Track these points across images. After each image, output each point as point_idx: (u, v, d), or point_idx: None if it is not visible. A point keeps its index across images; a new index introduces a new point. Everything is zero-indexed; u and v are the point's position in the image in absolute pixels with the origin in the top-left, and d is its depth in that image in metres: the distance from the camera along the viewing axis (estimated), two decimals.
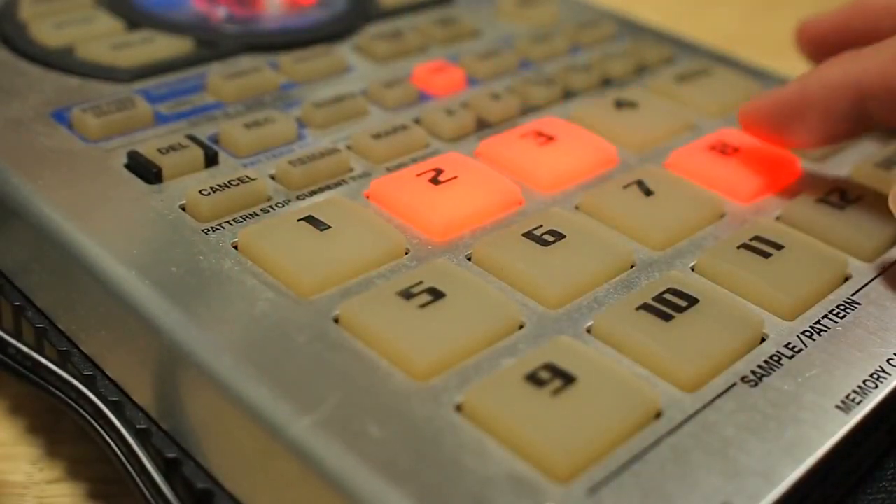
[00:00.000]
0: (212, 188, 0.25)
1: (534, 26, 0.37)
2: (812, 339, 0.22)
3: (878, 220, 0.26)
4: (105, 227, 0.23)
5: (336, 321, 0.21)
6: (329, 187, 0.26)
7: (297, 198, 0.26)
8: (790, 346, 0.22)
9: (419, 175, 0.26)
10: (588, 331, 0.22)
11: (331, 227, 0.24)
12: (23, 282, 0.25)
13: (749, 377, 0.21)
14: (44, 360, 0.23)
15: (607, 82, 0.34)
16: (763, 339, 0.22)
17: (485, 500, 0.17)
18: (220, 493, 0.20)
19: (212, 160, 0.26)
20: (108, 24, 0.33)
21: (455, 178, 0.26)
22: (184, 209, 0.24)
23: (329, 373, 0.20)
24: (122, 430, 0.22)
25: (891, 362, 0.22)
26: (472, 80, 0.33)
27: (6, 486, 0.25)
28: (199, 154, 0.26)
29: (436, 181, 0.26)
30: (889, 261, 0.25)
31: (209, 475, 0.21)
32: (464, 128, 0.29)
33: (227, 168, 0.26)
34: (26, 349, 0.24)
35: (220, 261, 0.23)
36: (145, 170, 0.25)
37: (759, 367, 0.21)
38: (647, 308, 0.22)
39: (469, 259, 0.24)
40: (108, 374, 0.23)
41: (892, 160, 0.29)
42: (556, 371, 0.20)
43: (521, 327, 0.22)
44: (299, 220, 0.24)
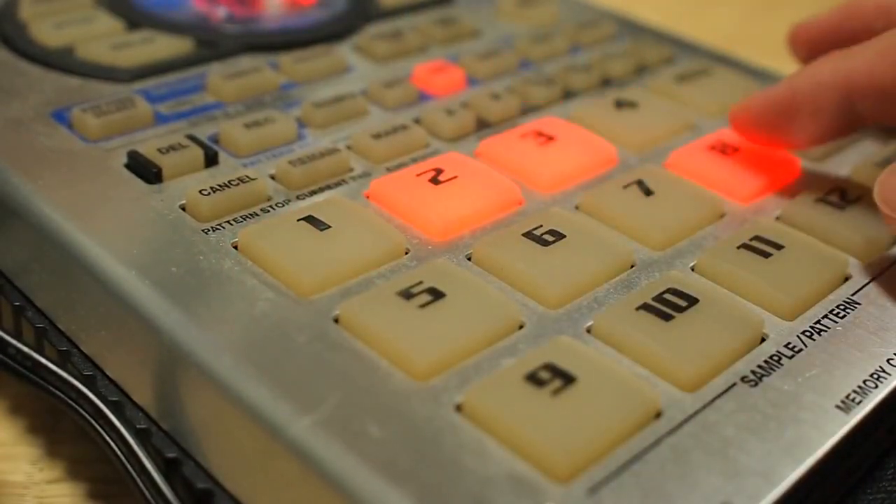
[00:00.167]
0: (212, 188, 0.25)
1: (534, 26, 0.37)
2: (812, 339, 0.22)
3: (878, 220, 0.26)
4: (105, 227, 0.23)
5: (336, 321, 0.21)
6: (329, 187, 0.26)
7: (297, 198, 0.26)
8: (790, 346, 0.22)
9: (419, 175, 0.26)
10: (588, 331, 0.22)
11: (331, 227, 0.24)
12: (23, 282, 0.25)
13: (749, 377, 0.21)
14: (44, 360, 0.23)
15: (607, 82, 0.34)
16: (763, 339, 0.22)
17: (485, 500, 0.17)
18: (220, 493, 0.20)
19: (212, 160, 0.26)
20: (108, 24, 0.33)
21: (455, 178, 0.26)
22: (184, 209, 0.24)
23: (329, 373, 0.20)
24: (122, 430, 0.22)
25: (891, 362, 0.22)
26: (472, 80, 0.33)
27: (6, 486, 0.25)
28: (199, 154, 0.26)
29: (436, 181, 0.26)
30: (889, 261, 0.25)
31: (209, 475, 0.21)
32: (464, 128, 0.29)
33: (227, 168, 0.26)
34: (26, 349, 0.24)
35: (220, 261, 0.23)
36: (145, 170, 0.25)
37: (759, 367, 0.21)
38: (647, 308, 0.22)
39: (469, 259, 0.24)
40: (108, 374, 0.23)
41: (892, 160, 0.29)
42: (556, 371, 0.20)
43: (521, 327, 0.22)
44: (299, 220, 0.24)
